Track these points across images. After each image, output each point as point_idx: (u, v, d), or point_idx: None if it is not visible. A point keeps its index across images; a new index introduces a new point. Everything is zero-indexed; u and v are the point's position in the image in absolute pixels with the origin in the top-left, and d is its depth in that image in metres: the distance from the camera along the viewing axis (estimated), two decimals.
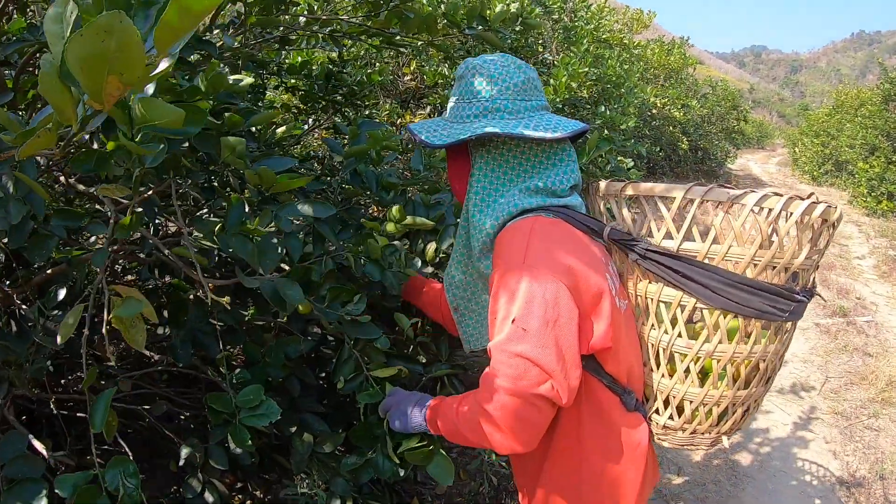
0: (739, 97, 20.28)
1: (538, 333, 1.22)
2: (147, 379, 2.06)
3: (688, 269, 1.30)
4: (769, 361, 1.41)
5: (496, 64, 1.40)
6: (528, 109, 1.39)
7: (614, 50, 6.19)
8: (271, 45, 2.37)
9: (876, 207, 11.61)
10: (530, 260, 1.26)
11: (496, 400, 1.25)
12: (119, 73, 0.81)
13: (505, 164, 1.40)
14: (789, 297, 1.31)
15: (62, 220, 1.33)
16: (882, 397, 4.48)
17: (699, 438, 1.49)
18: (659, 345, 1.42)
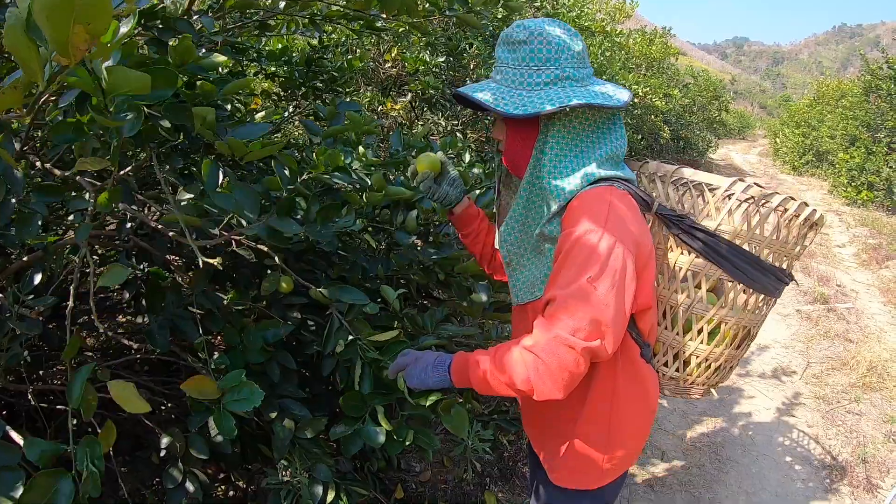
0: (721, 88, 20.36)
1: (606, 294, 1.31)
2: (126, 368, 2.03)
3: (720, 247, 1.49)
4: (755, 328, 1.68)
5: (556, 32, 1.41)
6: (586, 77, 1.44)
7: (596, 38, 6.18)
8: (251, 31, 2.34)
9: (856, 197, 11.72)
10: (610, 226, 1.34)
11: (549, 346, 1.32)
12: (85, 23, 0.79)
13: (579, 132, 1.44)
14: (782, 280, 1.59)
15: (43, 196, 1.30)
16: (863, 382, 4.52)
17: (695, 389, 1.72)
18: (679, 307, 1.61)
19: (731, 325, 1.60)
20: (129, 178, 1.44)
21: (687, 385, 1.71)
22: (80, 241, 1.27)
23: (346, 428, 1.61)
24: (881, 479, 3.43)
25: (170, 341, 1.66)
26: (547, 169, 1.45)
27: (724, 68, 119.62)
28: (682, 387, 1.72)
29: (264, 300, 1.75)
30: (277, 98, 3.04)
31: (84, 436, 1.18)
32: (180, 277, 1.72)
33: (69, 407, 1.15)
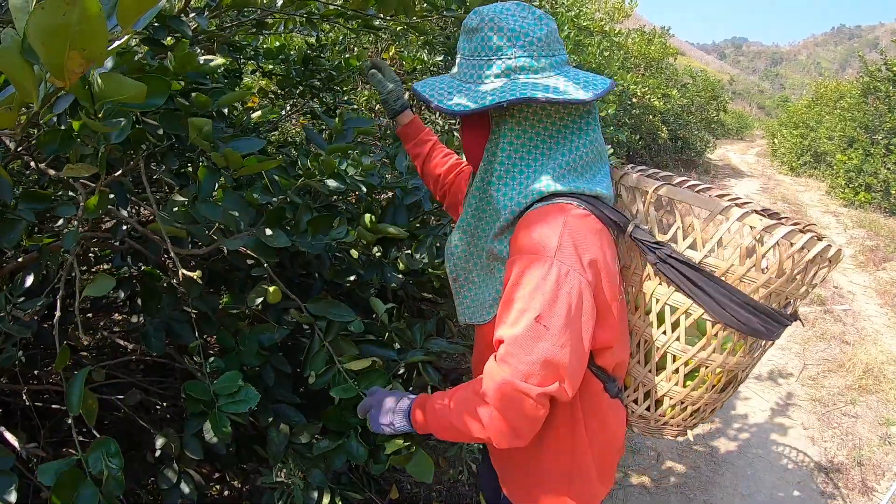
0: (719, 88, 20.37)
1: (559, 333, 1.17)
2: (121, 368, 2.02)
3: (704, 282, 1.28)
4: (744, 371, 1.48)
5: (514, 15, 1.24)
6: (552, 66, 1.25)
7: (595, 37, 6.18)
8: (247, 29, 2.33)
9: (853, 198, 11.71)
10: (561, 255, 1.17)
11: (502, 394, 1.20)
12: (81, 48, 0.79)
13: (533, 132, 1.26)
14: (781, 322, 1.34)
15: (30, 203, 1.30)
16: (859, 384, 4.52)
17: (668, 429, 1.56)
18: (654, 343, 1.43)
19: (714, 368, 1.40)
20: (124, 180, 1.43)
21: (658, 425, 1.55)
22: (67, 248, 1.26)
23: (330, 443, 1.59)
24: (876, 482, 3.43)
25: (165, 344, 1.66)
26: (497, 174, 1.29)
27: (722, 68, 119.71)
28: (654, 426, 1.56)
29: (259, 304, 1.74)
30: (274, 96, 3.03)
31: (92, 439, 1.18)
32: (175, 280, 1.72)
33: (70, 414, 1.14)
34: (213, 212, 1.33)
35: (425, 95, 1.28)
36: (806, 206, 11.82)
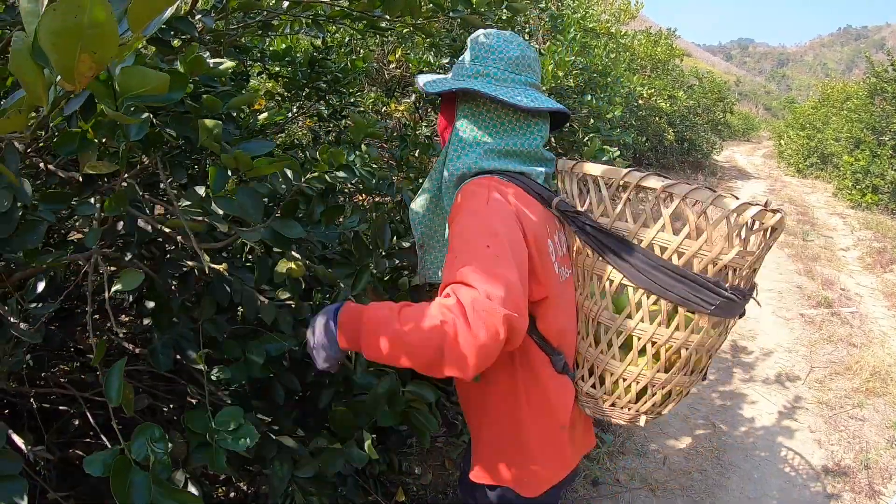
0: (726, 89, 20.33)
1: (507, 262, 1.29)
2: (129, 371, 2.02)
3: (617, 247, 1.40)
4: (692, 351, 1.45)
5: (499, 38, 1.55)
6: (515, 82, 1.52)
7: (601, 39, 6.17)
8: (254, 31, 2.34)
9: (860, 200, 11.69)
10: (492, 205, 1.38)
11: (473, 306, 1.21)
12: (91, 52, 0.79)
13: (482, 120, 1.53)
14: (715, 291, 1.35)
15: (50, 204, 1.30)
16: (866, 387, 4.51)
17: (617, 412, 1.57)
18: (589, 314, 1.53)
19: (646, 339, 1.43)
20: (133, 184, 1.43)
21: (607, 406, 1.56)
22: (90, 245, 1.26)
23: (326, 442, 1.57)
24: (883, 486, 3.42)
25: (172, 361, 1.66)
26: (453, 147, 1.55)
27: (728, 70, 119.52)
28: (603, 407, 1.57)
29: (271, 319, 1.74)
30: (281, 98, 3.03)
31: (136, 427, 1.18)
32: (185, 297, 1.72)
33: (111, 405, 1.14)
34: (228, 205, 1.34)
35: (419, 83, 1.59)
36: (813, 208, 11.79)
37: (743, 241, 1.36)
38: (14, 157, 1.13)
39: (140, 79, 0.93)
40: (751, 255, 1.39)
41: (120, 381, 1.15)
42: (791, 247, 8.50)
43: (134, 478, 1.10)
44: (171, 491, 1.10)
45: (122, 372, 1.16)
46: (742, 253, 1.37)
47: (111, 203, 1.24)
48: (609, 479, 3.41)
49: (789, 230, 9.53)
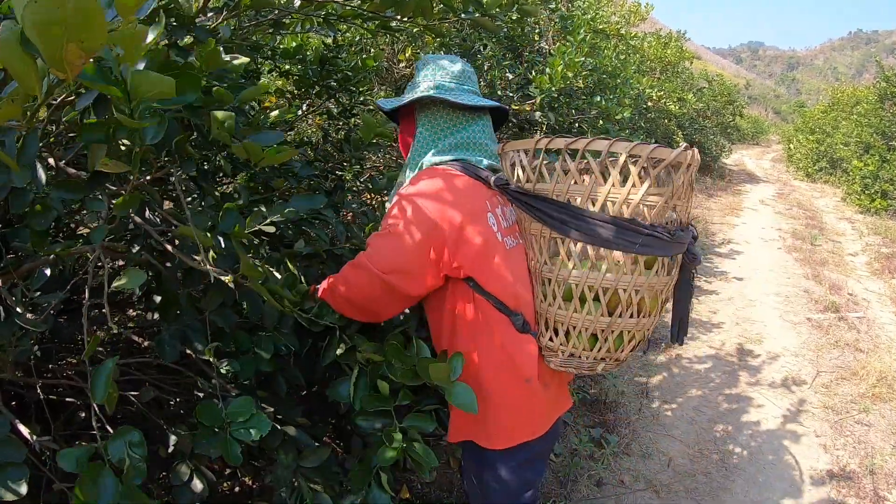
0: (735, 92, 20.25)
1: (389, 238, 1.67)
2: (134, 364, 2.03)
3: (540, 204, 1.60)
4: (631, 292, 1.58)
5: (442, 57, 1.91)
6: (460, 90, 1.83)
7: (611, 41, 6.16)
8: (265, 29, 2.34)
9: (869, 205, 11.64)
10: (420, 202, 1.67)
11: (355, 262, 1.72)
12: (79, 41, 0.79)
13: (438, 122, 1.83)
14: (634, 230, 1.50)
15: (62, 192, 1.31)
16: (873, 393, 4.49)
17: (576, 362, 1.71)
18: (538, 273, 1.69)
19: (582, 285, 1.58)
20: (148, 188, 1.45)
21: (566, 357, 1.70)
22: (95, 242, 1.27)
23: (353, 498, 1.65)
24: (888, 491, 3.41)
25: (179, 352, 1.67)
26: (417, 150, 1.84)
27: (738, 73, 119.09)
28: (564, 359, 1.71)
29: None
30: (291, 96, 3.04)
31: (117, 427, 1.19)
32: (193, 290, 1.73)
33: (93, 402, 1.15)
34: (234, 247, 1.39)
35: (379, 104, 1.94)
36: (821, 212, 11.75)
37: (652, 179, 1.49)
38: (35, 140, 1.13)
39: (149, 82, 0.94)
40: (665, 192, 1.51)
41: (107, 380, 1.16)
42: (799, 251, 8.47)
43: (104, 480, 1.11)
44: (140, 496, 1.11)
45: (110, 371, 1.16)
46: (651, 191, 1.49)
47: (122, 203, 1.25)
48: (613, 481, 3.41)
49: (797, 234, 9.51)
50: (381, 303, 1.73)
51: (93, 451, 1.14)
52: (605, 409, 4.10)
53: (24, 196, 1.21)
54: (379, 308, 1.75)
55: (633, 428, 3.94)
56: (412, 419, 1.65)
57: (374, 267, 1.65)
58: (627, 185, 1.48)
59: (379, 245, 1.68)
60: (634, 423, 4.00)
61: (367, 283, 1.68)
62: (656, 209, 1.52)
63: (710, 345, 5.32)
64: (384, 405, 1.64)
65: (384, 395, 1.65)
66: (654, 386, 4.52)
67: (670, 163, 1.48)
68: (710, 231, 9.58)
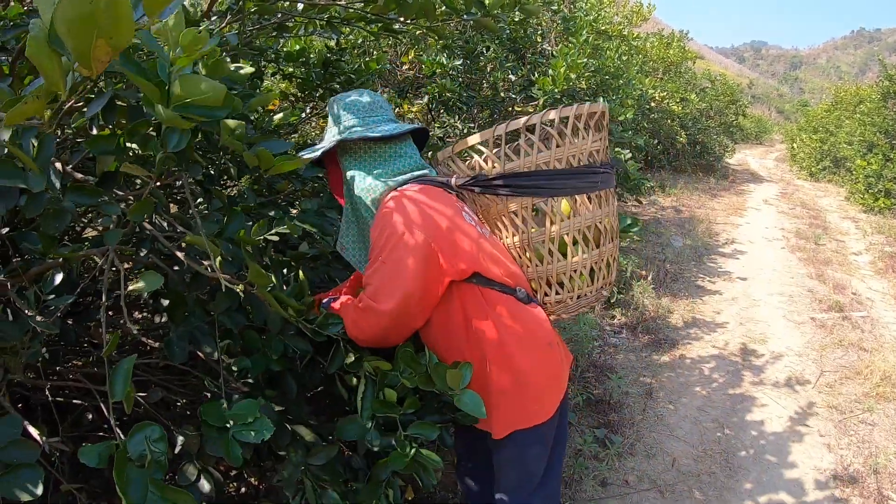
0: (738, 92, 20.23)
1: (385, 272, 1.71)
2: (142, 365, 2.05)
3: (517, 181, 1.77)
4: (605, 222, 1.89)
5: (350, 96, 1.90)
6: (374, 122, 1.86)
7: (613, 41, 6.17)
8: (269, 33, 2.36)
9: (873, 204, 11.62)
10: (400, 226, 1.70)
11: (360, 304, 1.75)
12: (108, 37, 0.80)
13: (365, 160, 1.86)
14: (593, 172, 1.82)
15: (77, 197, 1.32)
16: (877, 392, 4.49)
17: (585, 300, 1.93)
18: (524, 245, 1.86)
19: (571, 233, 1.82)
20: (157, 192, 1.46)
21: (576, 301, 1.91)
22: (110, 243, 1.29)
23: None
24: (892, 491, 3.41)
25: (187, 353, 1.68)
26: (357, 189, 1.86)
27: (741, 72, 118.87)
28: (573, 304, 1.92)
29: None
30: (295, 99, 3.05)
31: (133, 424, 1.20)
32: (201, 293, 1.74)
33: (111, 400, 1.16)
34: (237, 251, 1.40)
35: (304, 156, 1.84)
36: (825, 212, 11.74)
37: (592, 130, 1.82)
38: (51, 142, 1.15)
39: (197, 86, 0.95)
40: (602, 136, 1.86)
41: (126, 377, 1.17)
42: (803, 250, 8.47)
43: (130, 473, 1.12)
44: (166, 489, 1.12)
45: (130, 368, 1.18)
46: (595, 138, 1.83)
47: (136, 209, 1.27)
48: (618, 481, 3.42)
49: (801, 234, 9.50)
50: (392, 333, 1.76)
51: (113, 447, 1.15)
52: (610, 410, 4.11)
53: (39, 200, 1.22)
54: (391, 337, 1.78)
55: (638, 428, 3.95)
56: (416, 427, 1.69)
57: (379, 306, 1.70)
58: (580, 139, 1.81)
59: (377, 282, 1.72)
60: (639, 423, 4.01)
61: (376, 323, 1.72)
62: (601, 151, 1.87)
63: (714, 345, 5.32)
64: (391, 412, 1.66)
65: (391, 403, 1.68)
66: (658, 386, 4.52)
67: (599, 114, 1.83)
68: (713, 231, 9.57)
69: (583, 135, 1.81)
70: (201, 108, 1.03)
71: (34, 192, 1.16)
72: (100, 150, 1.19)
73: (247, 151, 1.33)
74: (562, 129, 1.79)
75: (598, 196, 1.86)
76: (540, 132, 1.80)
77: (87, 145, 1.19)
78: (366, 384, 1.72)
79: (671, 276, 7.02)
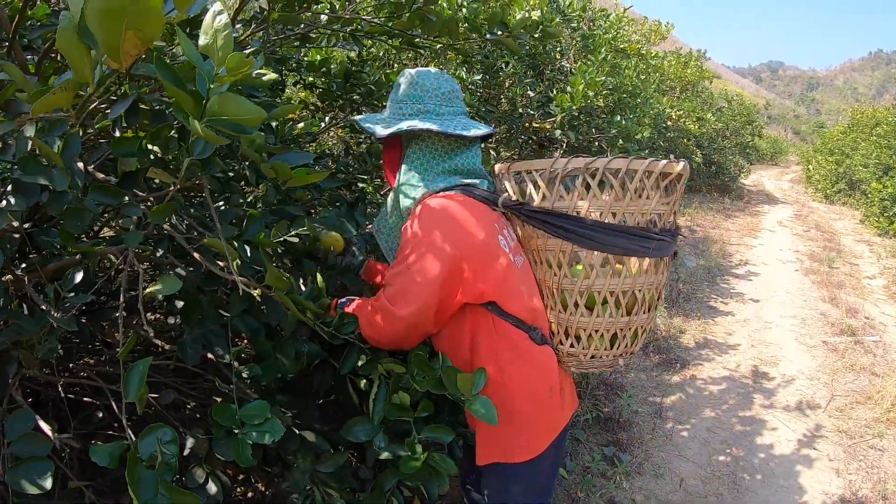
0: (755, 112, 20.18)
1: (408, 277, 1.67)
2: (153, 367, 2.07)
3: (561, 221, 1.65)
4: (645, 291, 1.74)
5: (430, 77, 1.82)
6: (449, 113, 1.81)
7: (631, 60, 6.18)
8: (292, 42, 2.38)
9: (888, 228, 11.54)
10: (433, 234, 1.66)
11: (377, 305, 1.72)
12: (137, 29, 0.82)
13: (429, 151, 1.80)
14: (647, 237, 1.65)
15: (99, 196, 1.33)
16: (887, 417, 4.46)
17: (598, 362, 1.82)
18: (553, 286, 1.76)
19: (605, 292, 1.70)
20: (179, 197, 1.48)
21: (588, 360, 1.81)
22: (130, 245, 1.30)
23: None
24: None
25: (200, 355, 1.69)
26: (407, 179, 1.81)
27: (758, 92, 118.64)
28: (585, 361, 1.81)
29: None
30: (315, 109, 3.08)
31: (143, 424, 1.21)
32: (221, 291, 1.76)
33: (125, 399, 1.17)
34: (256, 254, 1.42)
35: (364, 126, 1.83)
36: (839, 234, 11.67)
37: (661, 190, 1.65)
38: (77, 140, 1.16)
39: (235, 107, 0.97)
40: (670, 201, 1.69)
41: (141, 378, 1.18)
42: (816, 273, 8.42)
43: (142, 474, 1.13)
44: (175, 491, 1.12)
45: (146, 370, 1.19)
46: (662, 201, 1.66)
47: (158, 211, 1.28)
48: (625, 500, 3.40)
49: (815, 256, 9.45)
50: (404, 339, 1.75)
51: (125, 446, 1.16)
52: (619, 428, 4.09)
53: (62, 198, 1.24)
54: (402, 342, 1.77)
55: (646, 448, 3.93)
56: (431, 430, 1.68)
57: (397, 311, 1.68)
58: (643, 198, 1.65)
59: (399, 286, 1.69)
60: (647, 442, 3.99)
61: (391, 325, 1.70)
62: (664, 216, 1.69)
63: (725, 366, 5.29)
64: (405, 416, 1.67)
65: (405, 406, 1.67)
66: (667, 406, 4.51)
67: (674, 176, 1.66)
68: (727, 252, 9.54)
69: (648, 194, 1.65)
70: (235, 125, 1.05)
71: (57, 190, 1.17)
72: (123, 151, 1.21)
73: (265, 163, 1.34)
74: (626, 181, 1.65)
75: (648, 262, 1.72)
76: (600, 177, 1.65)
77: (112, 147, 1.20)
78: (378, 386, 1.72)
79: (684, 295, 6.99)
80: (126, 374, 1.18)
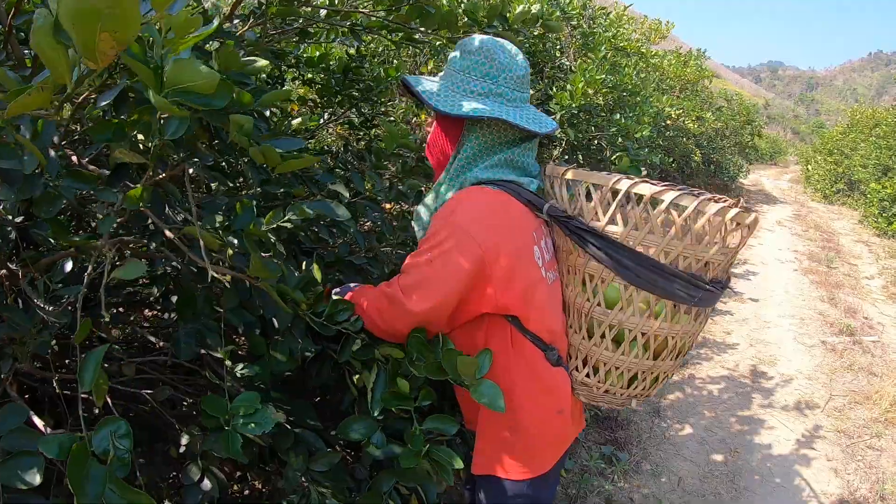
0: (754, 112, 20.16)
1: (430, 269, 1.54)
2: (149, 363, 2.05)
3: (609, 248, 1.51)
4: (678, 339, 1.60)
5: (506, 53, 1.61)
6: (520, 100, 1.63)
7: (631, 58, 6.17)
8: (290, 37, 2.37)
9: (887, 228, 11.55)
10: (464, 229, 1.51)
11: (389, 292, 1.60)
12: (112, 31, 0.80)
13: (490, 137, 1.61)
14: (697, 285, 1.50)
15: (74, 182, 1.31)
16: (885, 417, 4.46)
17: (610, 397, 1.71)
18: (582, 310, 1.63)
19: (637, 331, 1.56)
20: (165, 183, 1.45)
21: (600, 393, 1.70)
22: (103, 231, 1.27)
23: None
24: None
25: (195, 350, 1.67)
26: (460, 163, 1.64)
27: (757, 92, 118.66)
28: (596, 394, 1.71)
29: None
30: (314, 104, 3.06)
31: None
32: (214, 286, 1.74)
33: (80, 390, 1.14)
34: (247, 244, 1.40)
35: (422, 93, 1.62)
36: (838, 235, 11.67)
37: (722, 238, 1.51)
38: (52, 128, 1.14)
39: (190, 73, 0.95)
40: (729, 252, 1.53)
41: (96, 367, 1.12)
42: (815, 273, 8.42)
43: (91, 469, 1.09)
44: (126, 490, 1.07)
45: (101, 358, 1.14)
46: (721, 250, 1.50)
47: (133, 195, 1.25)
48: (623, 499, 3.40)
49: (814, 256, 9.45)
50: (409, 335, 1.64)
51: (77, 439, 1.12)
52: (617, 427, 4.09)
53: (33, 181, 1.21)
54: (406, 338, 1.64)
55: (644, 447, 3.93)
56: (433, 420, 1.60)
57: (412, 305, 1.55)
58: (703, 244, 1.49)
59: (417, 277, 1.56)
60: (645, 441, 3.99)
61: (400, 319, 1.59)
62: (719, 267, 1.55)
63: (724, 365, 5.29)
64: (404, 404, 1.61)
65: (404, 395, 1.60)
66: (666, 405, 4.50)
67: (744, 227, 1.53)
68: None
69: (710, 240, 1.49)
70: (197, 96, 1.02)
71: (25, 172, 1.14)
72: (100, 137, 1.19)
73: (253, 147, 1.31)
74: (689, 222, 1.48)
75: (689, 311, 1.57)
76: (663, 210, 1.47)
77: (90, 132, 1.18)
78: (377, 372, 1.66)
79: None
80: (81, 363, 1.14)
